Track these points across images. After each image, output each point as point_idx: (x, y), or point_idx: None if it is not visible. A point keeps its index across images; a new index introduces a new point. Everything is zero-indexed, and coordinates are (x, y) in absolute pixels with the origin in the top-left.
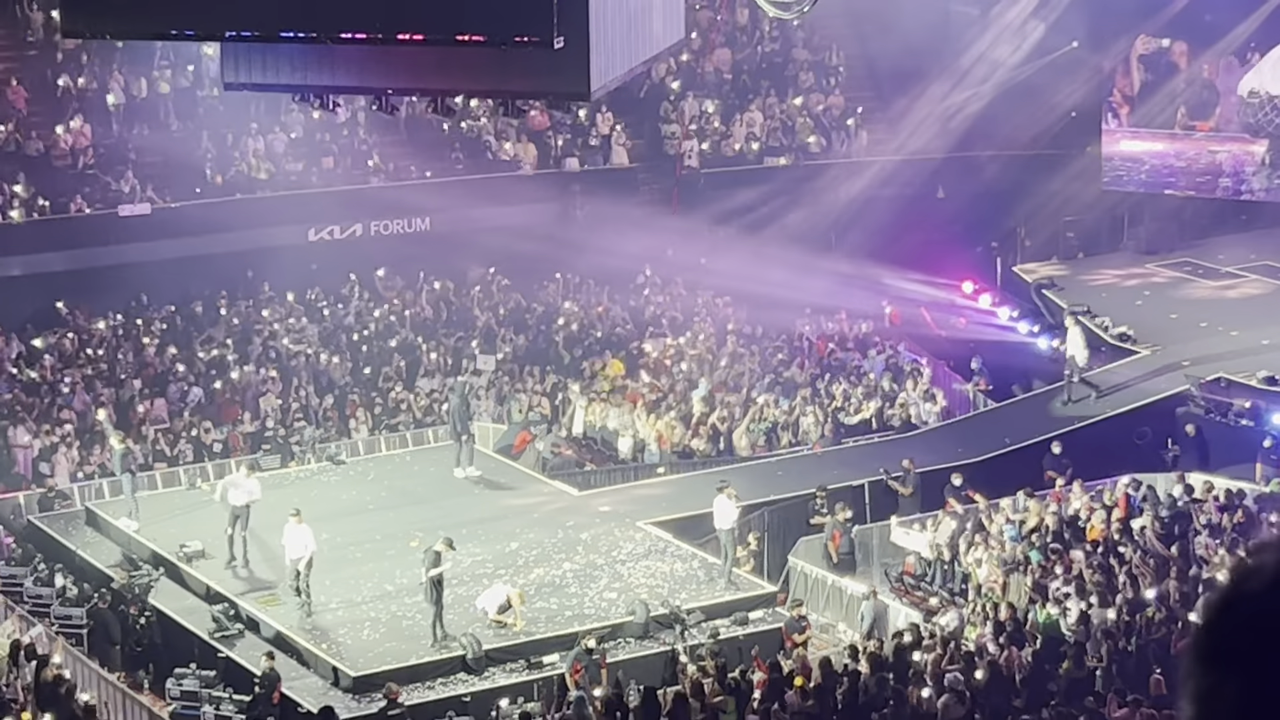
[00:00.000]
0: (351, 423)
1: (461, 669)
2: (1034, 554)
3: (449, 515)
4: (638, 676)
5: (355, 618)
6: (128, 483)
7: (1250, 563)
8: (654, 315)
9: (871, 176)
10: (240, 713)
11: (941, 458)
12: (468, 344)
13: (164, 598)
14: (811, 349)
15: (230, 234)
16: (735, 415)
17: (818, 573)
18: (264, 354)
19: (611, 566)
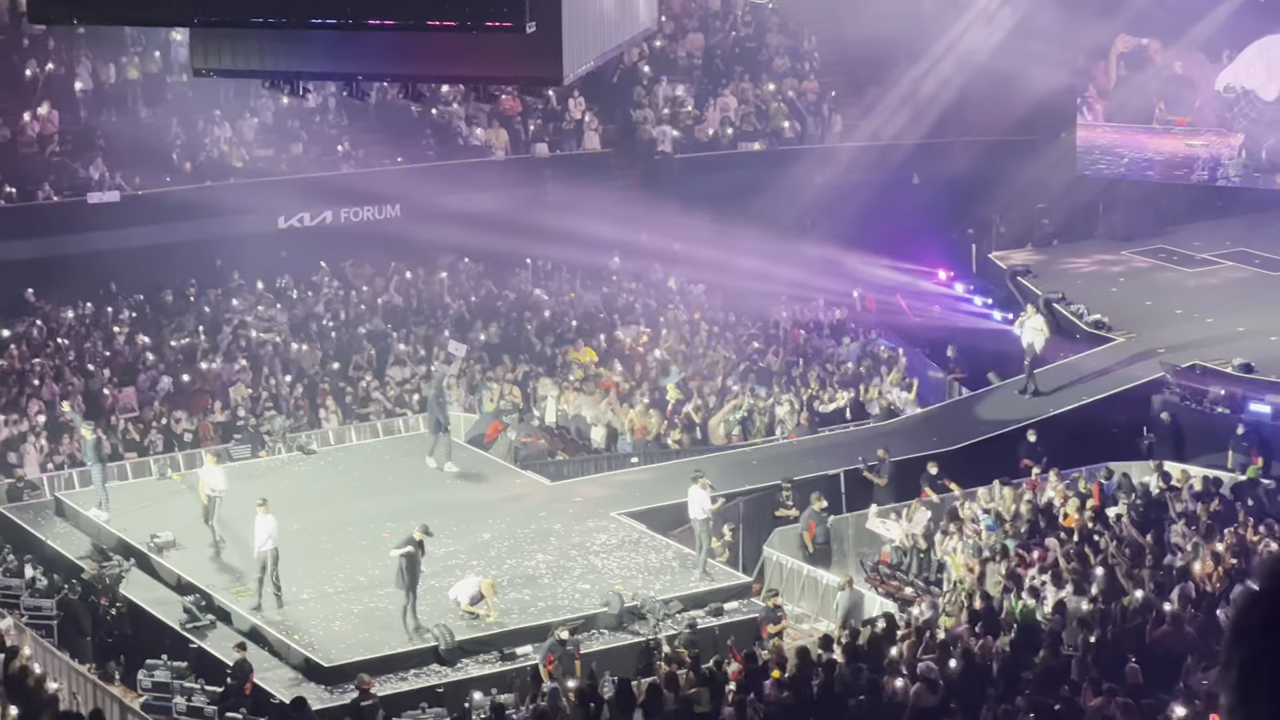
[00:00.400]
0: (322, 412)
1: (434, 660)
2: (1009, 543)
3: (421, 505)
4: (612, 667)
5: (327, 608)
6: (98, 473)
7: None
8: (626, 302)
9: (846, 162)
10: (212, 704)
11: (917, 446)
12: (439, 333)
13: (135, 588)
14: (786, 336)
15: (200, 221)
16: (710, 404)
17: (793, 563)
18: (234, 343)
19: (585, 557)
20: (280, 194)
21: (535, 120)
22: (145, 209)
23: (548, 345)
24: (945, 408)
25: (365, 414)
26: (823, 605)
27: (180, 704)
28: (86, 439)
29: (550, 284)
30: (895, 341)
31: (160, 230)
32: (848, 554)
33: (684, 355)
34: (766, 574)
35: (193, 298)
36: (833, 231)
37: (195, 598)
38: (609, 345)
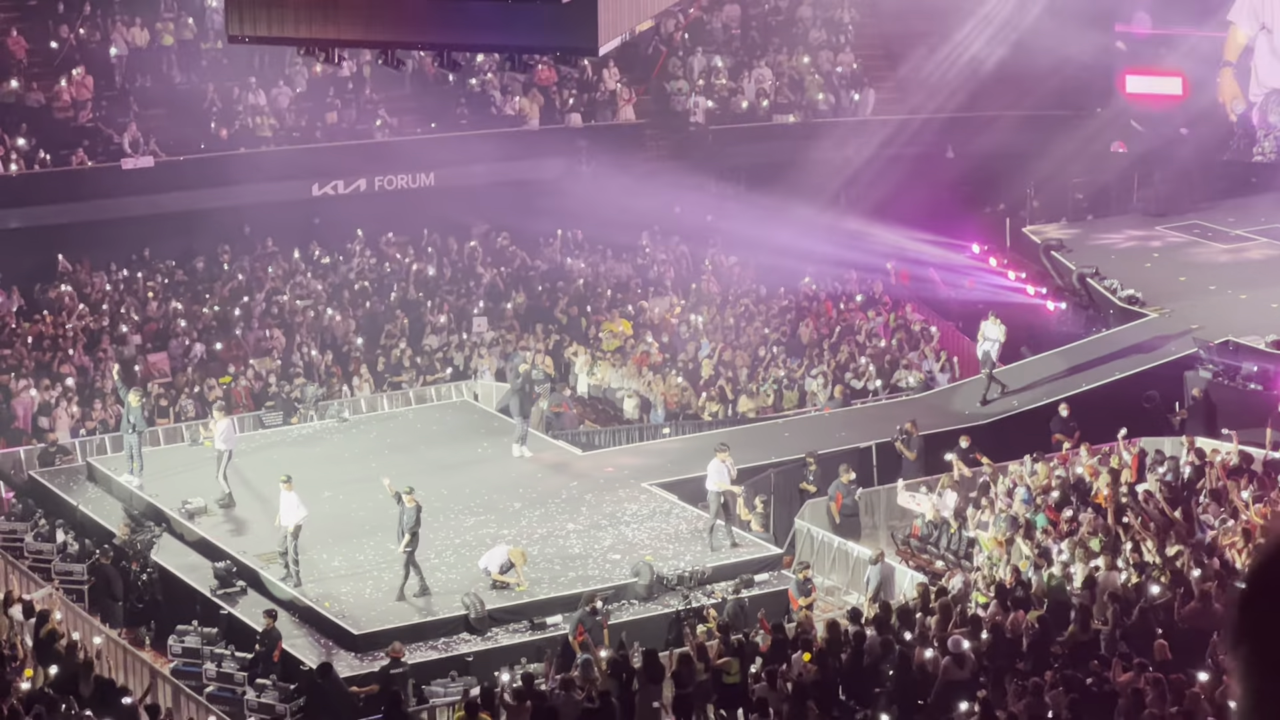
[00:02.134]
0: (354, 380)
1: (464, 629)
2: (1039, 517)
3: (452, 474)
4: (641, 638)
5: (358, 576)
6: (136, 439)
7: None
8: (659, 274)
9: (880, 135)
10: (241, 670)
11: (949, 420)
12: (471, 302)
13: (166, 554)
14: (820, 309)
15: (233, 188)
16: (742, 376)
17: (824, 535)
18: (266, 310)
19: (616, 527)
20: (314, 161)
21: (570, 90)
22: (179, 175)
23: (579, 315)
24: (978, 381)
25: (397, 382)
26: (853, 578)
27: (210, 669)
28: (132, 405)
29: (584, 254)
30: (928, 316)
31: (194, 196)
32: (879, 527)
33: (716, 326)
34: (797, 546)
35: (225, 264)
36: (866, 205)
37: (226, 564)
38: (640, 316)
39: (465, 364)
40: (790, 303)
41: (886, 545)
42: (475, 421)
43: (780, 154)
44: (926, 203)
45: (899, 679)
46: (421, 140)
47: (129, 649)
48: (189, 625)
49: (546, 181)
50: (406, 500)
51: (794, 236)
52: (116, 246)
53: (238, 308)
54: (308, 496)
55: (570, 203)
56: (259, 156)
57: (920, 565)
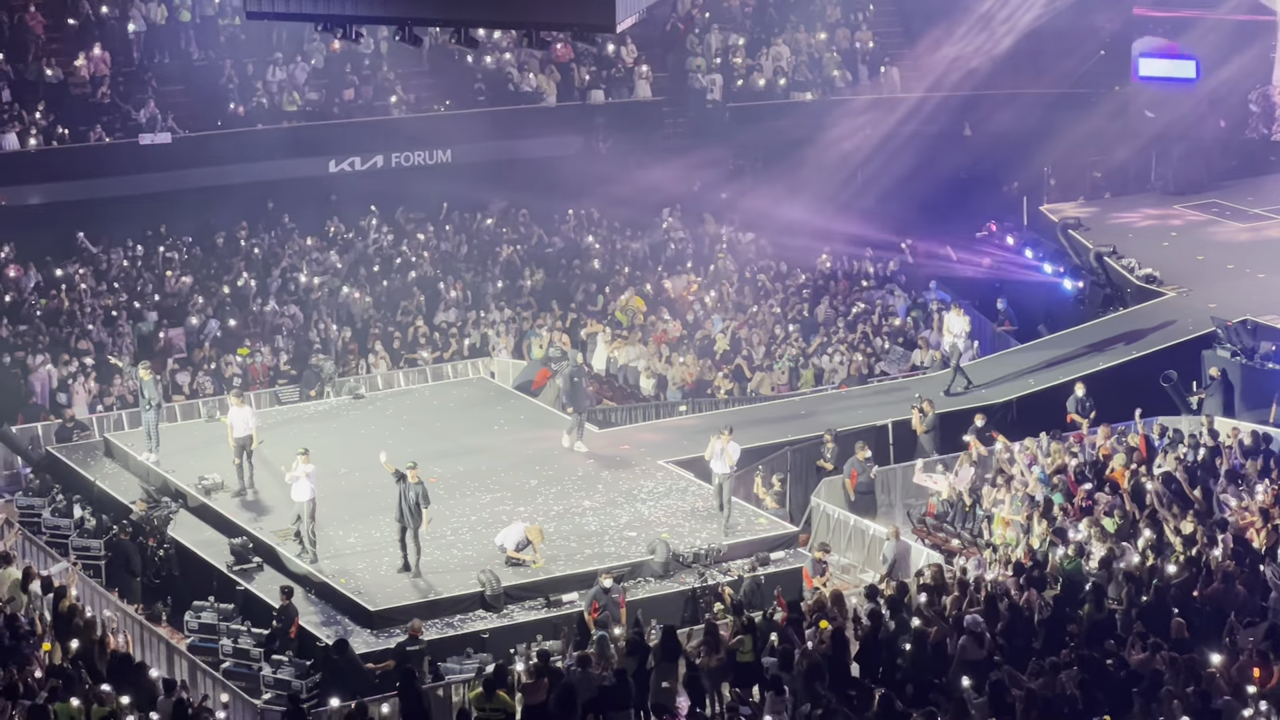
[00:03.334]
0: (370, 357)
1: (480, 606)
2: (1056, 496)
3: (469, 451)
4: (657, 616)
5: (374, 553)
6: (152, 415)
7: None
8: (676, 251)
9: (898, 113)
10: (258, 646)
11: (965, 398)
12: (488, 280)
13: (183, 530)
14: (836, 286)
15: (250, 164)
16: (759, 354)
17: (840, 513)
18: (284, 286)
19: (631, 505)
20: (331, 138)
21: (587, 67)
22: (196, 151)
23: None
24: (994, 360)
25: (413, 359)
26: (869, 556)
27: (226, 645)
28: (144, 380)
29: (601, 231)
30: (945, 294)
31: (211, 173)
32: (895, 505)
33: (732, 304)
34: (814, 524)
35: (243, 241)
36: (883, 182)
37: (243, 540)
38: (657, 293)
39: (481, 341)
40: (807, 280)
41: (902, 523)
42: (491, 398)
43: (797, 131)
44: (944, 180)
45: (914, 657)
46: (438, 117)
47: (145, 625)
48: (205, 601)
49: (563, 158)
50: (410, 476)
51: (811, 214)
52: (133, 223)
53: (254, 283)
54: (323, 473)
55: (587, 180)
56: (276, 133)
57: (936, 543)
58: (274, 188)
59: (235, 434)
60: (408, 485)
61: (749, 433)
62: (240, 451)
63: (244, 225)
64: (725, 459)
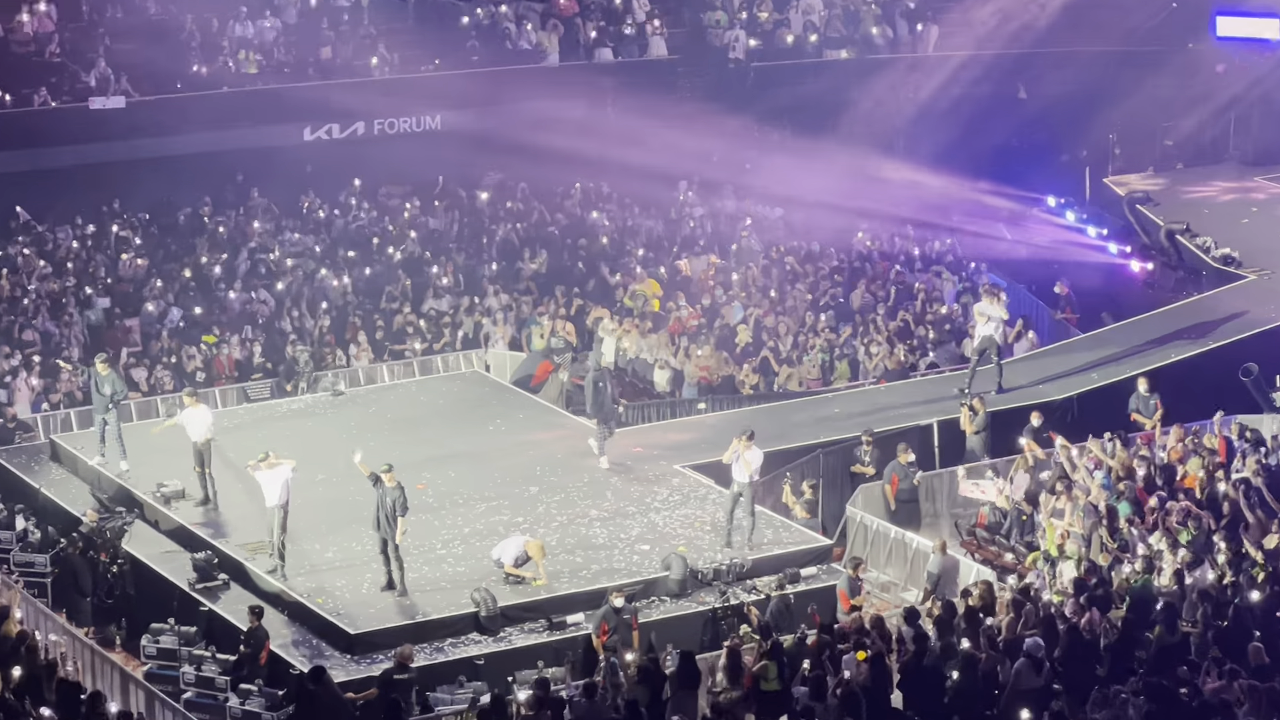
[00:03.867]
0: (351, 348)
1: (474, 628)
2: (1122, 505)
3: (460, 453)
4: (674, 639)
5: (354, 568)
6: (115, 415)
7: None
8: (694, 229)
9: (943, 73)
10: (224, 674)
11: (1020, 395)
12: (483, 263)
13: (139, 543)
14: (874, 269)
15: (215, 133)
16: (787, 345)
17: (879, 524)
18: (253, 269)
19: (645, 515)
20: (306, 102)
21: (594, 22)
22: (154, 117)
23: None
24: (1053, 351)
25: (399, 351)
26: (912, 572)
27: (188, 674)
28: (101, 374)
29: (609, 207)
30: (998, 277)
31: (171, 142)
32: (941, 515)
33: (758, 289)
34: (849, 536)
35: (207, 218)
36: (927, 152)
37: (207, 554)
38: (672, 276)
39: (475, 331)
40: (841, 262)
41: (949, 535)
42: (487, 395)
43: (831, 95)
44: (995, 149)
45: (963, 686)
46: (426, 78)
47: (97, 650)
48: (165, 623)
49: (567, 125)
50: (386, 480)
51: (845, 187)
52: (83, 197)
53: (219, 266)
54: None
55: (594, 150)
56: (244, 96)
57: (987, 558)
58: (241, 158)
59: (192, 438)
60: (384, 490)
61: (776, 434)
62: (200, 459)
63: (208, 201)
64: (744, 466)
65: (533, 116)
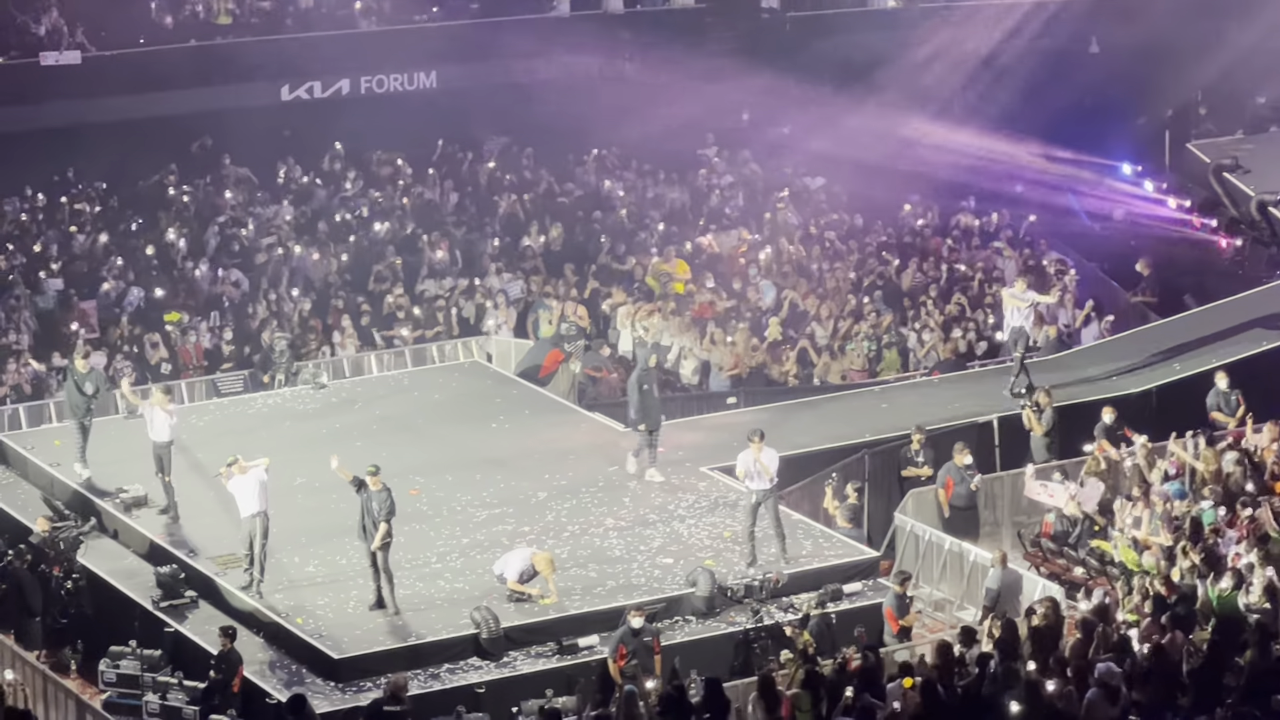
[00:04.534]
0: (335, 335)
1: (474, 652)
2: (1207, 513)
3: (458, 455)
4: (700, 665)
5: (339, 585)
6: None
7: None
8: (722, 200)
9: (1006, 24)
10: (193, 703)
11: (1091, 388)
12: (484, 238)
13: (96, 556)
14: (926, 245)
15: (182, 91)
16: (827, 332)
17: (931, 534)
18: (223, 246)
19: (667, 524)
20: (284, 57)
21: None
22: (113, 74)
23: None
24: (1128, 338)
25: (389, 338)
26: (969, 588)
27: (152, 702)
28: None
29: (627, 175)
30: (1066, 254)
31: (132, 102)
32: (1002, 523)
33: (795, 268)
34: (898, 547)
35: (172, 189)
36: (987, 112)
37: (173, 569)
38: (698, 254)
39: (476, 315)
40: (889, 238)
41: (1011, 547)
42: (488, 388)
43: (878, 48)
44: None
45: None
46: (419, 30)
47: (50, 676)
48: (125, 646)
49: (579, 83)
50: (372, 484)
51: (894, 153)
52: (33, 165)
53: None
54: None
55: (609, 111)
56: (214, 51)
57: (1054, 572)
58: (211, 121)
59: (153, 437)
60: (369, 495)
61: (815, 432)
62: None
63: (173, 169)
64: (763, 473)
65: (541, 73)
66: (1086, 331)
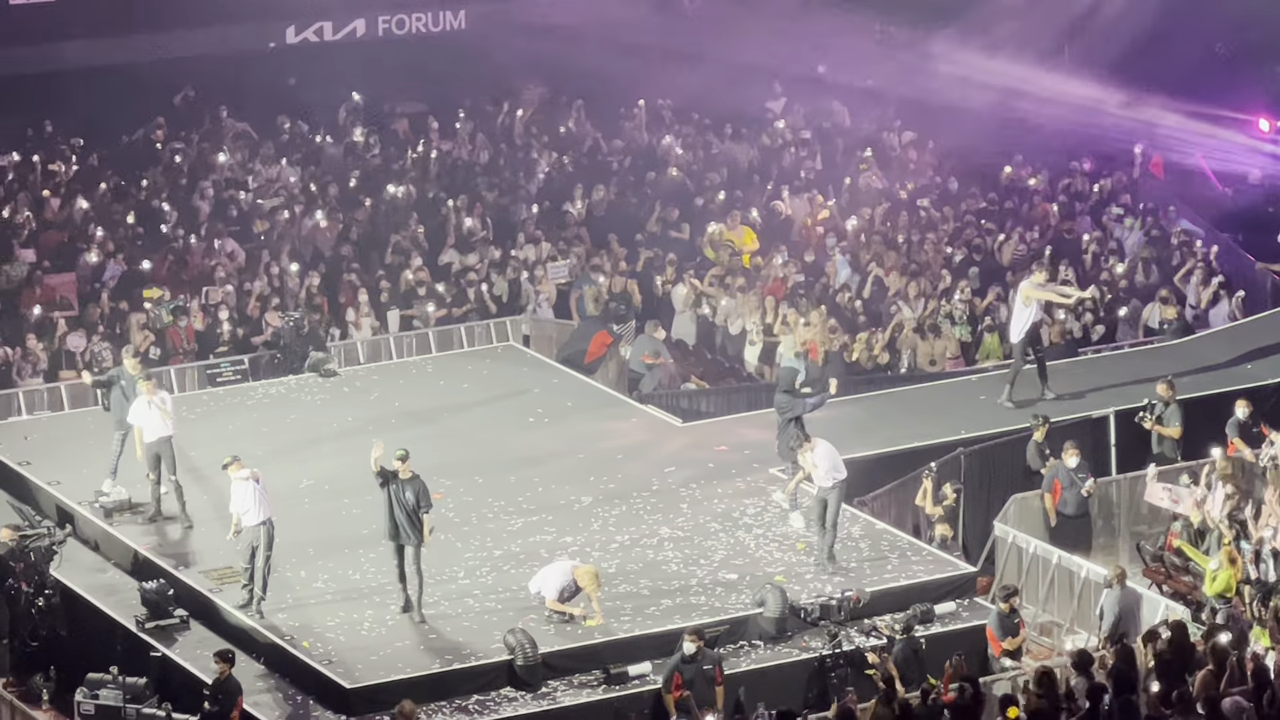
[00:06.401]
0: (348, 314)
1: (508, 682)
2: None
3: (490, 454)
4: (769, 696)
5: (351, 603)
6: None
7: None
8: (794, 161)
9: None
10: None
11: (1223, 379)
12: (519, 203)
13: (72, 570)
14: (1031, 211)
15: (169, 33)
16: (917, 312)
17: (1037, 546)
18: (218, 211)
19: (730, 533)
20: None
21: None
22: (89, 14)
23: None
24: (1265, 321)
25: (409, 318)
26: (1080, 609)
27: None
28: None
29: (684, 131)
30: (1195, 222)
31: (113, 46)
32: (1119, 534)
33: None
34: (999, 561)
35: (160, 145)
36: (1103, 61)
37: (160, 583)
38: (768, 222)
39: (510, 291)
40: (990, 204)
41: (1130, 561)
42: (524, 376)
43: None
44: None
45: None
46: None
47: (17, 707)
48: (105, 673)
49: (630, 23)
50: (402, 471)
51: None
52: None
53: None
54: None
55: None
56: None
57: (1179, 591)
58: (205, 68)
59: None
60: (400, 484)
61: (902, 428)
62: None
63: (161, 123)
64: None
65: (586, 12)
66: (1215, 312)
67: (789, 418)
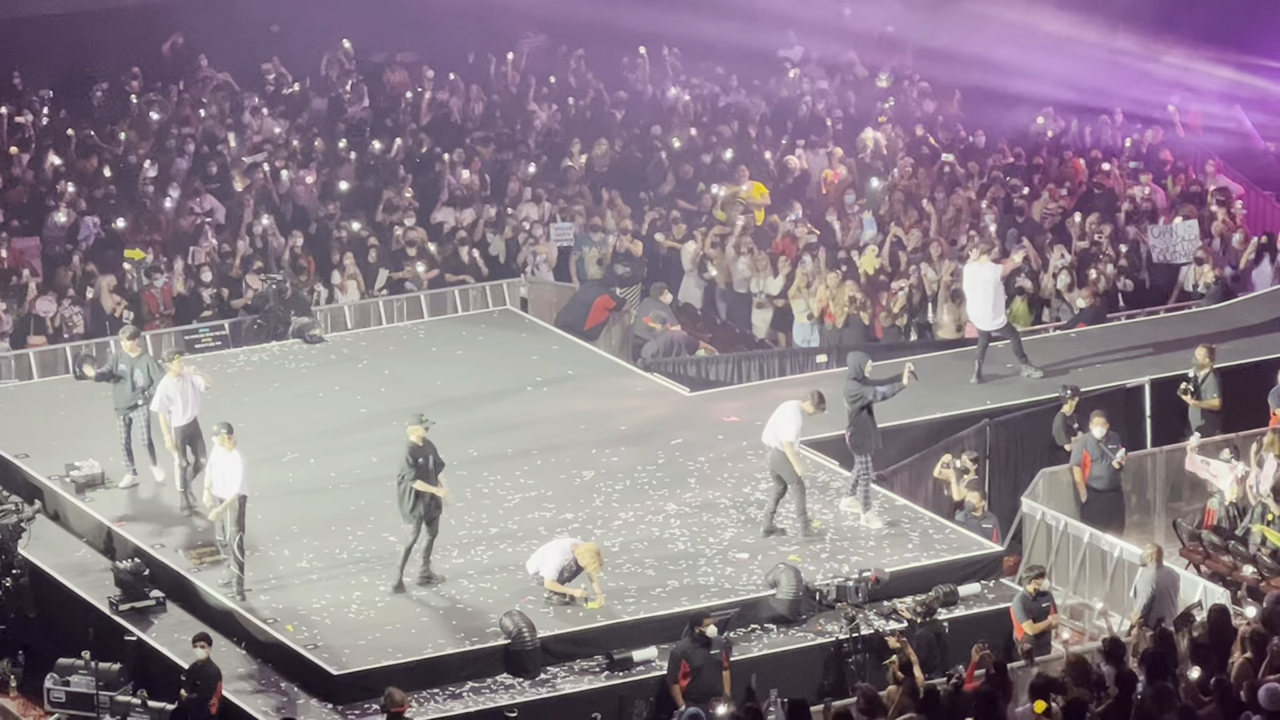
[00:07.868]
0: (334, 277)
1: (505, 668)
2: None
3: (485, 425)
4: (782, 683)
5: (338, 586)
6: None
7: None
8: (810, 111)
9: None
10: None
11: (1265, 345)
12: (517, 158)
13: (41, 548)
14: (1062, 168)
15: None
16: (942, 275)
17: (1068, 523)
18: (198, 167)
19: (742, 510)
20: None
21: None
22: None
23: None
24: None
25: (400, 280)
26: (1113, 591)
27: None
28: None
29: (694, 79)
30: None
31: None
32: (1154, 511)
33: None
34: (1026, 540)
35: (134, 96)
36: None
37: (135, 563)
38: (782, 177)
39: (507, 252)
40: (1017, 159)
41: (1166, 540)
42: (522, 341)
43: None
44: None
45: None
46: None
47: None
48: (77, 659)
49: None
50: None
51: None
52: None
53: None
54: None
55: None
56: None
57: (1218, 572)
58: (182, 13)
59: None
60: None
61: (924, 397)
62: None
63: (135, 72)
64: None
65: None
66: (1257, 274)
67: (859, 406)
